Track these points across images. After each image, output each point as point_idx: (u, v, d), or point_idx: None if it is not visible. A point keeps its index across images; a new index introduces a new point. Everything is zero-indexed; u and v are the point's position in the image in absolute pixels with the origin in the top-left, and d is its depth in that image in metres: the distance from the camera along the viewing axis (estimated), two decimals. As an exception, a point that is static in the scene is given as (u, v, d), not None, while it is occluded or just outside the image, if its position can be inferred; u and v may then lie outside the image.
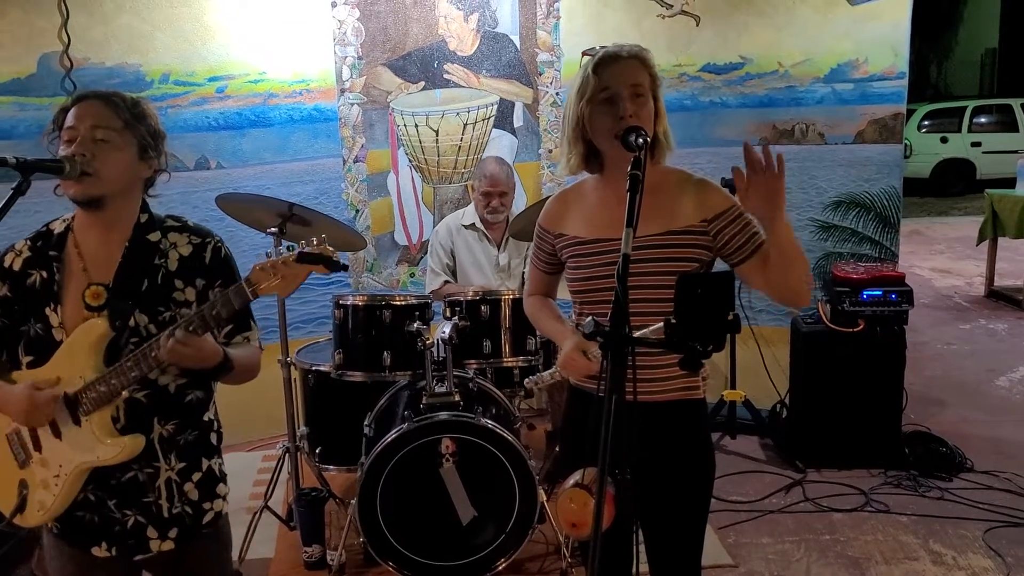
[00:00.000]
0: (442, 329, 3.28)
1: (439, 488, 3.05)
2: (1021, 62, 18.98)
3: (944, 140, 15.49)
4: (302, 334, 4.50)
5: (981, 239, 7.89)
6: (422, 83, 4.72)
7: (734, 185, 4.35)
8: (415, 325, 3.26)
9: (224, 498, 2.02)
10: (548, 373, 2.41)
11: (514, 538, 3.07)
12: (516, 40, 4.73)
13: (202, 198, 4.21)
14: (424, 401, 3.15)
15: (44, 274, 1.87)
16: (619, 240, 1.60)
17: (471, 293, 3.46)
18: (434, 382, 3.21)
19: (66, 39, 4.17)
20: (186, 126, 4.43)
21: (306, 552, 3.35)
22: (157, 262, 1.86)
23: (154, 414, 1.87)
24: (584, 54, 2.01)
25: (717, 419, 4.56)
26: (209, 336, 1.77)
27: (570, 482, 1.67)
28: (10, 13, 4.12)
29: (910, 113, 13.91)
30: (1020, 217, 7.24)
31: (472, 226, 4.09)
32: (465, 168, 4.81)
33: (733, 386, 4.59)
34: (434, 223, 4.66)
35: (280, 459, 3.66)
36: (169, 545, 1.92)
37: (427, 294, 3.96)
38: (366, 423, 3.30)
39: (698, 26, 4.64)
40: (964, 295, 8.22)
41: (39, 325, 1.85)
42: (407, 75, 4.71)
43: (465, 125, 4.77)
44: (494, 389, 3.39)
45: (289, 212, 3.30)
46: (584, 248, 2.03)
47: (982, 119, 15.58)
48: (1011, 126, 15.29)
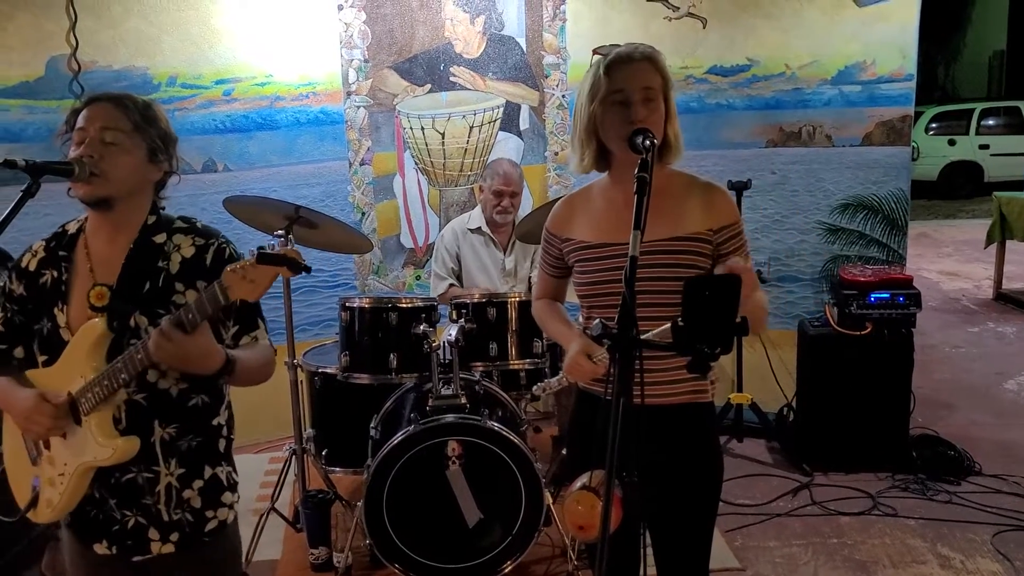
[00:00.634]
0: (448, 331, 3.28)
1: (445, 490, 3.05)
2: (1029, 64, 18.94)
3: (952, 142, 15.44)
4: (309, 336, 4.51)
5: (989, 242, 7.87)
6: (428, 86, 4.73)
7: (740, 187, 4.31)
8: (421, 327, 3.27)
9: (231, 507, 1.99)
10: (555, 379, 2.41)
11: (520, 541, 3.07)
12: (522, 43, 4.73)
13: (209, 200, 4.22)
14: (430, 403, 3.15)
15: (55, 274, 1.88)
16: (626, 244, 1.59)
17: (477, 295, 3.46)
18: (440, 384, 3.21)
19: (74, 42, 4.19)
20: (193, 129, 4.44)
21: (312, 554, 3.35)
22: (160, 264, 1.86)
23: (154, 417, 1.86)
24: (595, 52, 2.00)
25: (724, 422, 4.55)
26: (202, 337, 1.72)
27: (577, 485, 1.67)
28: (19, 17, 4.14)
29: (918, 115, 13.86)
30: (1029, 220, 7.23)
31: (478, 230, 4.09)
32: (471, 171, 4.81)
33: (740, 389, 4.58)
34: (440, 226, 4.66)
35: (287, 461, 3.66)
36: (169, 548, 1.90)
37: (432, 297, 3.96)
38: (372, 425, 3.30)
39: (705, 28, 4.63)
40: (972, 298, 8.19)
41: (49, 324, 1.87)
42: (413, 78, 4.72)
43: (471, 128, 4.78)
44: (500, 392, 3.38)
45: (296, 214, 3.31)
46: (591, 252, 2.03)
47: (990, 121, 15.53)
48: (1019, 128, 15.23)
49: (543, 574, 3.30)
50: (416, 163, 4.82)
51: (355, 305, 3.38)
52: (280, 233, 3.27)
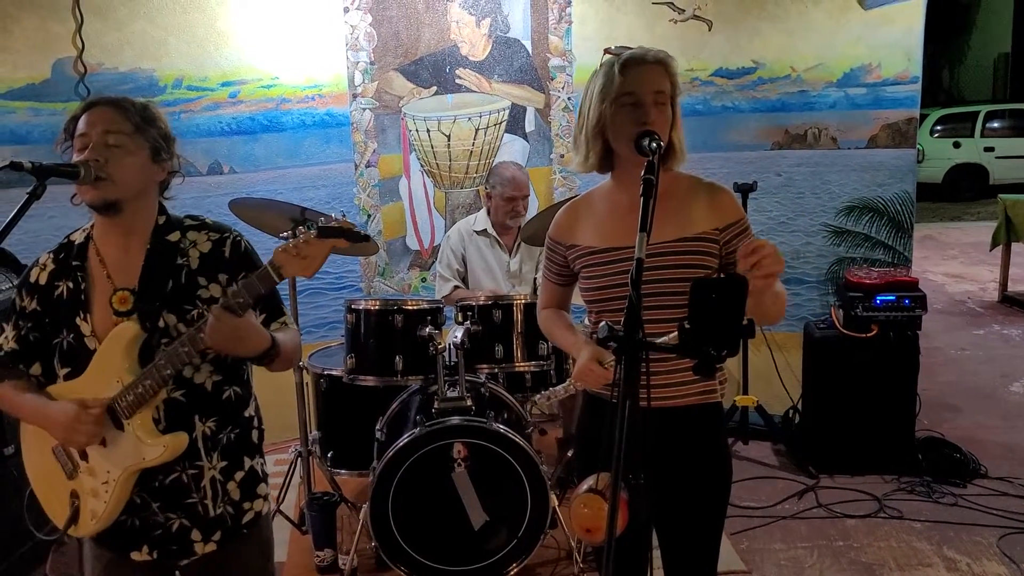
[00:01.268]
0: (454, 334, 3.28)
1: (451, 493, 3.05)
2: (1034, 67, 18.91)
3: (957, 145, 15.40)
4: (314, 338, 4.51)
5: (994, 244, 7.85)
6: (434, 88, 4.73)
7: (746, 189, 4.30)
8: (427, 330, 3.27)
9: (265, 498, 2.02)
10: (562, 387, 2.40)
11: (526, 543, 3.07)
12: (528, 45, 4.73)
13: (215, 203, 4.23)
14: (436, 406, 3.15)
15: (70, 285, 1.88)
16: (632, 248, 1.59)
17: (483, 298, 3.46)
18: (446, 387, 3.21)
19: (80, 45, 4.21)
20: (199, 131, 4.45)
21: (318, 556, 3.35)
22: (179, 261, 1.87)
23: (194, 412, 1.88)
24: (606, 52, 2.00)
25: (729, 424, 4.55)
26: (251, 318, 1.75)
27: (584, 487, 1.67)
28: (25, 19, 4.15)
29: (923, 118, 13.84)
30: (1034, 222, 7.21)
31: (484, 232, 4.09)
32: (477, 173, 4.82)
33: (745, 392, 4.57)
34: (446, 228, 4.66)
35: (292, 463, 3.67)
36: (212, 547, 1.92)
37: (438, 299, 3.96)
38: (378, 427, 3.30)
39: (710, 31, 4.63)
40: (978, 300, 8.17)
41: (71, 336, 1.86)
42: (419, 80, 4.72)
43: (477, 130, 4.78)
44: (506, 394, 3.39)
45: (301, 217, 3.31)
46: (598, 257, 2.02)
47: (995, 124, 15.48)
48: (1024, 131, 15.22)
49: (548, 576, 3.30)
50: (422, 165, 4.82)
51: (361, 307, 3.38)
52: (286, 234, 3.27)
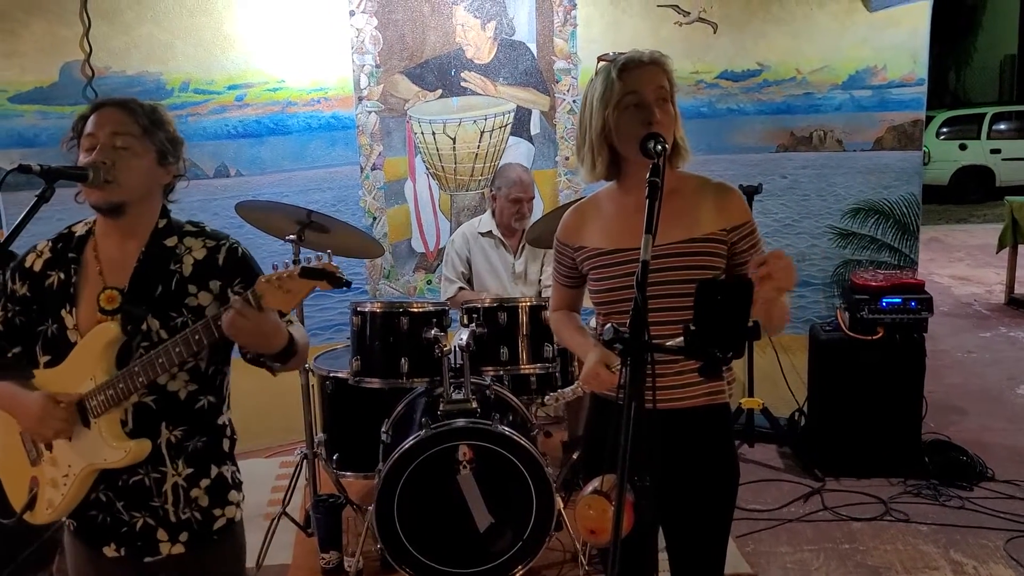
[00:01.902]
0: (459, 336, 3.28)
1: (456, 495, 3.05)
2: (1041, 69, 18.86)
3: (963, 147, 15.37)
4: (320, 341, 4.51)
5: (1001, 247, 7.83)
6: (439, 91, 4.74)
7: (751, 192, 4.30)
8: (432, 332, 3.27)
9: (237, 505, 2.01)
10: (570, 389, 2.40)
11: (531, 545, 3.07)
12: (533, 48, 4.74)
13: (221, 205, 4.24)
14: (441, 408, 3.15)
15: (62, 276, 1.89)
16: (639, 249, 1.60)
17: (488, 300, 3.46)
18: (451, 389, 3.21)
19: (88, 48, 4.22)
20: (206, 134, 4.47)
21: (323, 558, 3.35)
22: (172, 267, 1.87)
23: (162, 419, 1.87)
24: (600, 59, 2.01)
25: (735, 427, 4.54)
26: (274, 313, 1.73)
27: (589, 489, 1.67)
28: (33, 23, 4.17)
29: (928, 120, 13.80)
30: (1040, 224, 7.20)
31: (489, 233, 4.10)
32: (482, 176, 4.82)
33: (751, 394, 4.56)
34: (451, 230, 4.67)
35: (298, 465, 3.67)
36: (179, 549, 1.91)
37: (443, 301, 3.96)
38: (383, 430, 3.30)
39: (715, 33, 4.64)
40: (984, 303, 8.15)
41: (55, 326, 1.87)
42: (424, 83, 4.73)
43: (482, 133, 4.79)
44: (511, 396, 3.39)
45: (307, 219, 3.32)
46: (605, 259, 2.02)
47: (1001, 126, 15.44)
48: (1031, 133, 15.18)
49: (554, 579, 3.30)
50: (427, 168, 4.83)
51: (366, 310, 3.39)
52: (292, 238, 3.29)
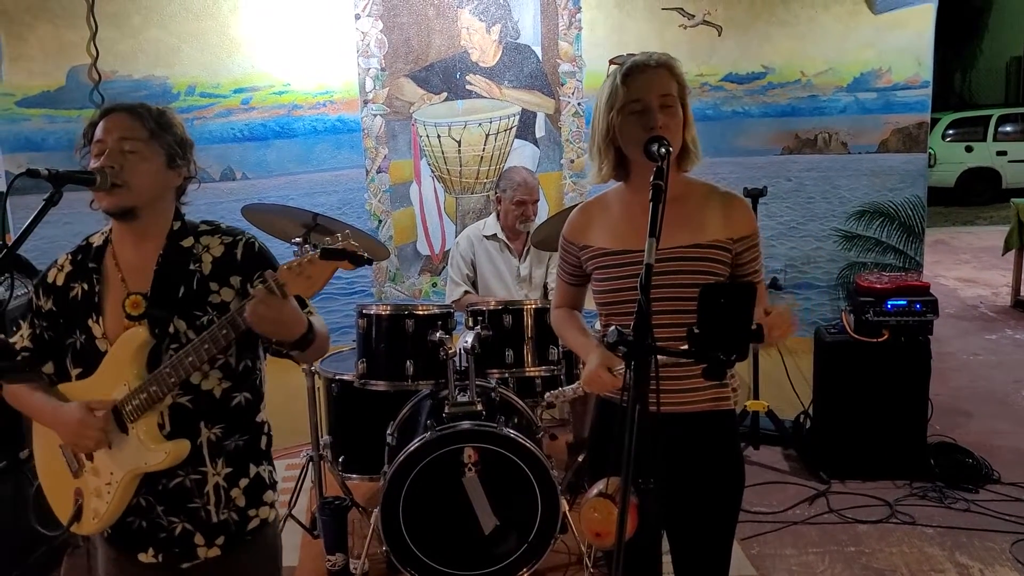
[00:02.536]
0: (464, 338, 3.29)
1: (461, 497, 3.06)
2: (1047, 70, 18.81)
3: (969, 149, 15.35)
4: (325, 343, 4.52)
5: (1007, 249, 7.81)
6: (444, 94, 4.75)
7: (756, 194, 4.30)
8: (438, 335, 3.27)
9: (272, 505, 2.01)
10: (571, 388, 2.41)
11: (536, 548, 3.07)
12: (538, 51, 4.74)
13: (227, 208, 4.25)
14: (446, 410, 3.16)
15: (85, 286, 1.90)
16: (645, 251, 1.60)
17: (493, 303, 3.47)
18: (456, 391, 3.22)
19: (95, 52, 4.24)
20: (212, 137, 4.48)
21: (329, 560, 3.36)
22: (192, 267, 1.88)
23: (200, 418, 1.88)
24: (611, 62, 2.01)
25: (740, 429, 4.53)
26: (293, 301, 1.73)
27: (594, 491, 1.67)
28: (40, 27, 4.19)
29: (934, 122, 13.78)
30: (1047, 226, 7.18)
31: (494, 236, 4.10)
32: (487, 178, 4.83)
33: (756, 396, 4.57)
34: (456, 233, 4.67)
35: (303, 468, 3.68)
36: (215, 552, 1.92)
37: (448, 304, 3.97)
38: (389, 432, 3.31)
39: (720, 36, 4.64)
40: (990, 305, 8.13)
41: (83, 337, 1.88)
42: (429, 86, 4.74)
43: (487, 135, 4.80)
44: (516, 399, 3.39)
45: (313, 222, 3.33)
46: (610, 259, 2.03)
47: (1007, 128, 15.42)
48: (1037, 135, 15.15)
49: (559, 581, 3.31)
50: (432, 171, 4.84)
51: (372, 312, 3.39)
52: (298, 240, 3.30)
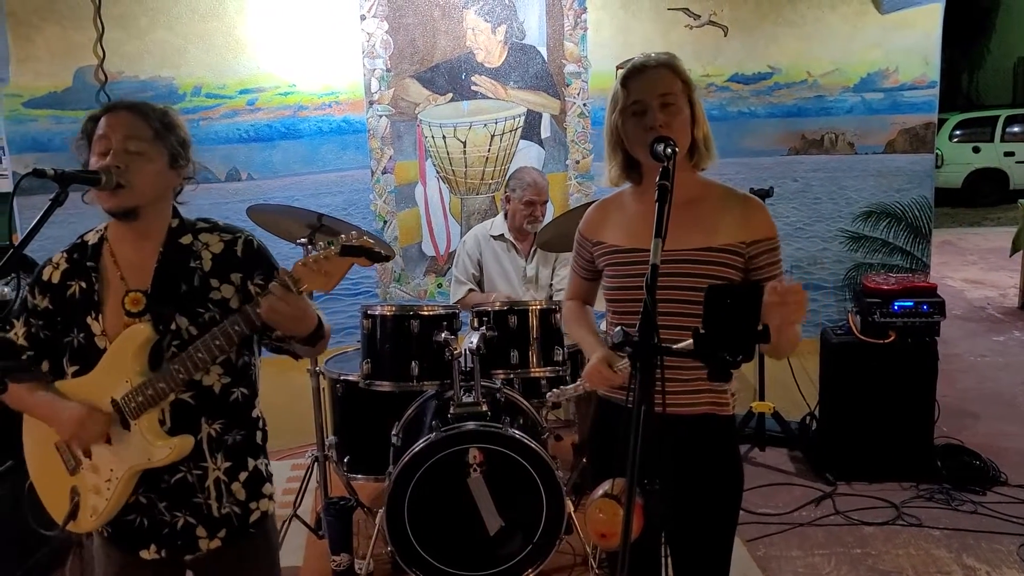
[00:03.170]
0: (469, 339, 3.28)
1: (466, 498, 3.06)
2: (1055, 71, 18.74)
3: (976, 150, 15.30)
4: (331, 344, 4.47)
5: (1015, 250, 7.79)
6: (450, 95, 4.75)
7: (762, 195, 4.32)
8: (443, 335, 3.28)
9: (270, 498, 2.04)
10: (572, 386, 2.40)
11: (541, 548, 3.07)
12: (543, 51, 4.74)
13: (233, 209, 4.26)
14: (452, 411, 3.16)
15: (83, 284, 1.90)
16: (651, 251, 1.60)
17: (498, 303, 3.47)
18: (461, 392, 3.22)
19: (101, 53, 4.26)
20: (217, 138, 4.49)
21: (334, 561, 3.36)
22: (192, 264, 1.89)
23: (201, 414, 1.90)
24: (619, 68, 2.02)
25: (746, 431, 4.53)
26: (307, 297, 1.77)
27: (599, 492, 1.67)
28: (47, 29, 4.21)
29: (941, 123, 13.73)
30: (1055, 227, 7.15)
31: (501, 236, 4.10)
32: (492, 179, 4.83)
33: (762, 398, 4.55)
34: (461, 234, 4.67)
35: (309, 468, 3.68)
36: (217, 544, 1.94)
37: (452, 303, 3.97)
38: (394, 432, 3.31)
39: (726, 36, 4.63)
40: (997, 306, 8.10)
41: (82, 335, 1.88)
42: (435, 87, 4.74)
43: (492, 136, 4.79)
44: (521, 399, 3.39)
45: (318, 223, 3.33)
46: (621, 257, 2.03)
47: (1015, 128, 15.36)
48: (1044, 135, 15.10)
49: (564, 582, 3.30)
50: (437, 171, 4.84)
51: (377, 313, 3.40)
52: (303, 241, 3.30)
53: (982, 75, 21.51)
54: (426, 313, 3.36)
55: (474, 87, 4.74)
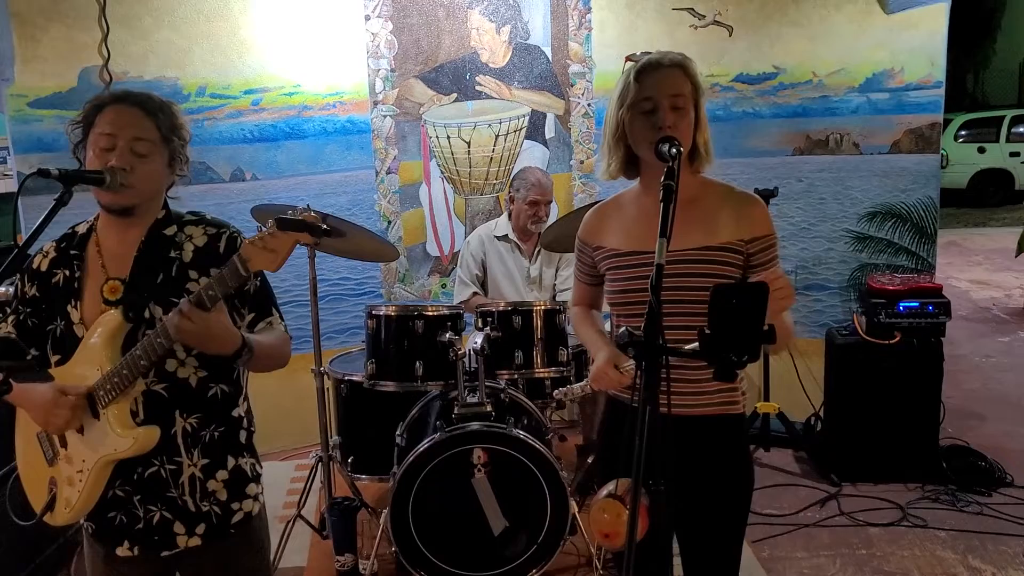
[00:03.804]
0: (474, 339, 3.28)
1: (471, 498, 3.05)
2: (1061, 71, 18.71)
3: (981, 150, 15.28)
4: (335, 344, 4.53)
5: (1020, 250, 7.78)
6: (454, 95, 4.75)
7: (767, 195, 4.31)
8: (447, 335, 3.27)
9: (255, 498, 2.00)
10: (579, 386, 2.40)
11: (546, 549, 3.07)
12: (548, 52, 4.74)
13: (237, 209, 4.26)
14: (456, 411, 3.16)
15: (67, 273, 1.90)
16: (655, 251, 1.59)
17: (503, 304, 3.46)
18: (466, 392, 3.21)
19: (106, 54, 4.26)
20: (222, 138, 4.49)
21: (338, 561, 3.36)
22: (172, 255, 1.89)
23: (175, 407, 1.87)
24: (627, 59, 2.01)
25: (751, 431, 4.52)
26: (223, 316, 1.74)
27: (603, 493, 1.67)
28: (52, 29, 4.21)
29: (947, 123, 13.70)
30: (1060, 228, 7.14)
31: (505, 237, 4.10)
32: (497, 179, 4.83)
33: (767, 398, 4.55)
34: (466, 234, 4.68)
35: (313, 468, 3.68)
36: (196, 542, 1.91)
37: (456, 304, 3.97)
38: (398, 433, 3.31)
39: (731, 36, 4.62)
40: (1003, 307, 8.08)
41: (62, 323, 1.88)
42: (439, 87, 4.74)
43: (497, 137, 4.79)
44: (526, 400, 3.38)
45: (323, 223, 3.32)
46: (622, 260, 2.02)
47: (1021, 129, 15.33)
48: (1050, 136, 15.07)
49: (568, 583, 3.30)
50: (442, 172, 4.84)
51: (381, 313, 3.39)
52: (307, 242, 3.29)
53: (987, 75, 21.49)
54: (430, 313, 3.35)
55: (478, 87, 4.74)
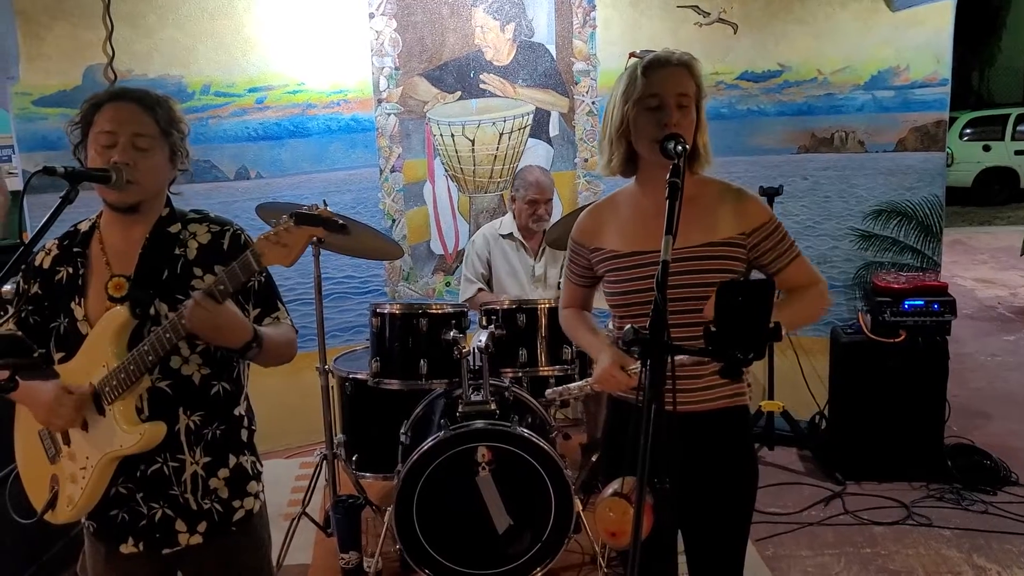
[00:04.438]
0: (478, 338, 3.28)
1: (475, 496, 3.05)
2: (1066, 69, 18.65)
3: (987, 148, 15.24)
4: (339, 342, 4.53)
5: (1026, 249, 7.76)
6: (458, 93, 4.75)
7: (772, 193, 4.30)
8: (451, 334, 3.27)
9: (256, 496, 2.01)
10: (576, 385, 2.40)
11: (550, 547, 3.07)
12: (552, 49, 4.74)
13: (242, 207, 4.26)
14: (460, 409, 3.16)
15: (70, 270, 1.90)
16: (657, 252, 1.59)
17: (507, 302, 3.46)
18: (470, 390, 3.22)
19: (111, 52, 4.26)
20: (226, 137, 4.49)
21: (343, 559, 3.36)
22: (177, 252, 1.89)
23: (179, 405, 1.88)
24: (632, 55, 2.00)
25: (755, 430, 4.51)
26: (232, 305, 1.75)
27: (609, 491, 1.66)
28: (57, 27, 4.21)
29: (952, 121, 13.68)
30: (1066, 226, 7.12)
31: (510, 235, 4.10)
32: (501, 177, 4.82)
33: (771, 396, 4.54)
34: (470, 232, 4.67)
35: (317, 466, 3.68)
36: (197, 539, 1.92)
37: (461, 302, 3.97)
38: (402, 431, 3.31)
39: (736, 34, 4.62)
40: (1008, 306, 8.06)
41: (66, 320, 1.88)
42: (443, 85, 4.74)
43: (501, 135, 4.79)
44: (530, 398, 3.38)
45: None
46: (622, 261, 2.02)
47: (1026, 127, 15.32)
48: (1056, 134, 15.03)
49: (573, 581, 3.30)
50: (446, 170, 4.84)
51: (386, 311, 3.40)
52: (312, 240, 3.29)
53: (993, 73, 21.44)
54: (435, 311, 3.36)
55: (483, 85, 4.74)
